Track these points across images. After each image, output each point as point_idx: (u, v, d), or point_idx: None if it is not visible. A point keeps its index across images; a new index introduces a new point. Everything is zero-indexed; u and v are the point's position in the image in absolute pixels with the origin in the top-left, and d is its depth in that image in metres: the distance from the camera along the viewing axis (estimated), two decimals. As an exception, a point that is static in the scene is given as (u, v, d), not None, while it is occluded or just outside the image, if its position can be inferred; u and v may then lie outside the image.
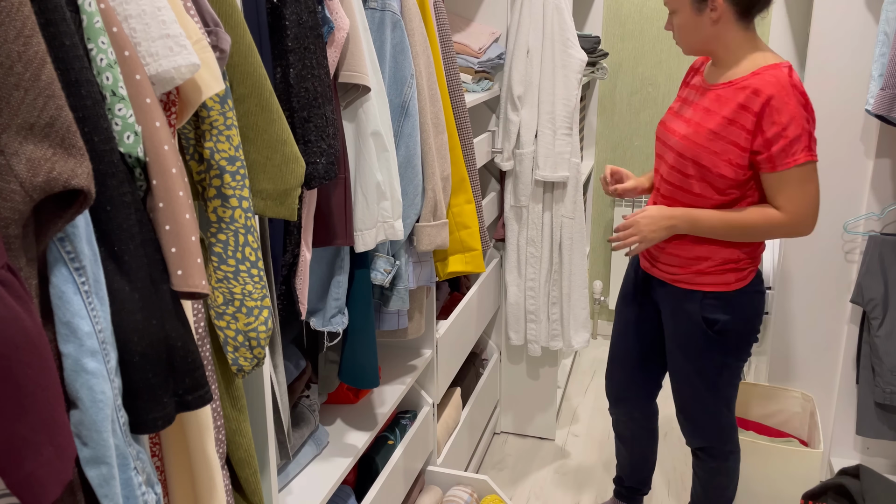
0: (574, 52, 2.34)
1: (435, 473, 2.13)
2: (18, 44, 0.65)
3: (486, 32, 2.43)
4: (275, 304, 1.25)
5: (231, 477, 1.15)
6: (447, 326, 2.14)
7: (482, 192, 2.63)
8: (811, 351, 2.40)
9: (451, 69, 1.83)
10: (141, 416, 0.82)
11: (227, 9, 1.02)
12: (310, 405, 1.61)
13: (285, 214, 1.13)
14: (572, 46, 2.35)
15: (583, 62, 2.35)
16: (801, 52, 3.18)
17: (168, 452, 1.01)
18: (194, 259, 0.86)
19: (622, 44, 3.41)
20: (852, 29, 2.15)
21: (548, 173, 2.40)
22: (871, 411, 2.22)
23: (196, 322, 1.03)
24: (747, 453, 2.17)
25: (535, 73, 2.37)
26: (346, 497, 1.68)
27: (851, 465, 1.81)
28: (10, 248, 0.68)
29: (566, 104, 2.37)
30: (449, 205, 1.80)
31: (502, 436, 2.86)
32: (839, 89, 2.20)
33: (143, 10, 0.83)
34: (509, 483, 2.57)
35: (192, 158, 0.99)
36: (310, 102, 1.20)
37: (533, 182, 2.45)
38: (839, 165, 2.23)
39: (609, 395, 2.14)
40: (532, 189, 2.46)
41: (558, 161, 2.40)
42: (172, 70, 0.84)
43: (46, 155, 0.67)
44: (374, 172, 1.45)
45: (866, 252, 2.19)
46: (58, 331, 0.74)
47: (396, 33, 1.54)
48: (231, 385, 1.11)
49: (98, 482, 0.76)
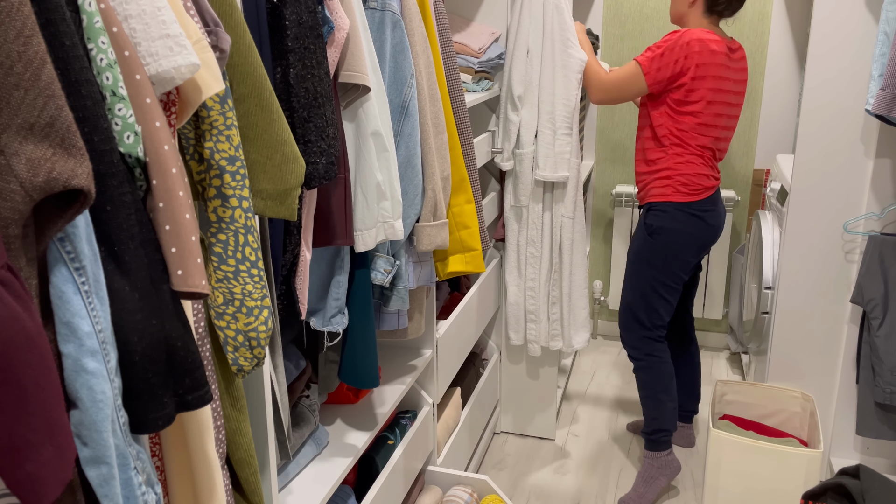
0: (574, 51, 2.35)
1: (435, 473, 2.13)
2: (18, 44, 0.65)
3: (486, 32, 2.43)
4: (275, 304, 1.25)
5: (231, 477, 1.15)
6: (447, 326, 2.14)
7: (482, 192, 2.63)
8: (811, 351, 2.40)
9: (451, 69, 1.83)
10: (141, 416, 0.82)
11: (227, 9, 1.02)
12: (310, 405, 1.61)
13: (285, 214, 1.13)
14: (572, 46, 2.35)
15: (583, 62, 2.35)
16: (801, 52, 3.18)
17: (168, 452, 1.01)
18: (194, 259, 0.86)
19: (622, 44, 3.41)
20: (852, 29, 2.15)
21: (548, 173, 2.40)
22: (871, 411, 2.22)
23: (196, 322, 1.03)
24: (748, 453, 2.17)
25: (535, 73, 2.38)
26: (346, 497, 1.68)
27: (851, 465, 1.81)
28: (10, 248, 0.68)
29: (566, 104, 2.37)
30: (449, 205, 1.80)
31: (502, 436, 2.86)
32: (839, 89, 2.20)
33: (143, 10, 0.83)
34: (509, 483, 2.57)
35: (192, 158, 0.99)
36: (310, 102, 1.20)
37: (533, 182, 2.45)
38: (839, 165, 2.23)
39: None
40: (532, 189, 2.46)
41: (558, 161, 2.40)
42: (172, 70, 0.84)
43: (46, 155, 0.67)
44: (374, 172, 1.45)
45: (866, 252, 2.19)
46: (58, 331, 0.74)
47: (396, 33, 1.54)
48: (231, 385, 1.11)
49: (98, 482, 0.76)
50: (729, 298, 3.47)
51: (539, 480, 2.58)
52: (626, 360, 3.48)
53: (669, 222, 2.28)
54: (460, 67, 2.30)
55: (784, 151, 3.26)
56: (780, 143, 3.27)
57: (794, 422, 2.44)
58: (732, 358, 3.52)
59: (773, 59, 3.20)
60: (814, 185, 2.28)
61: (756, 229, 2.89)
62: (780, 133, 3.26)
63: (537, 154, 2.41)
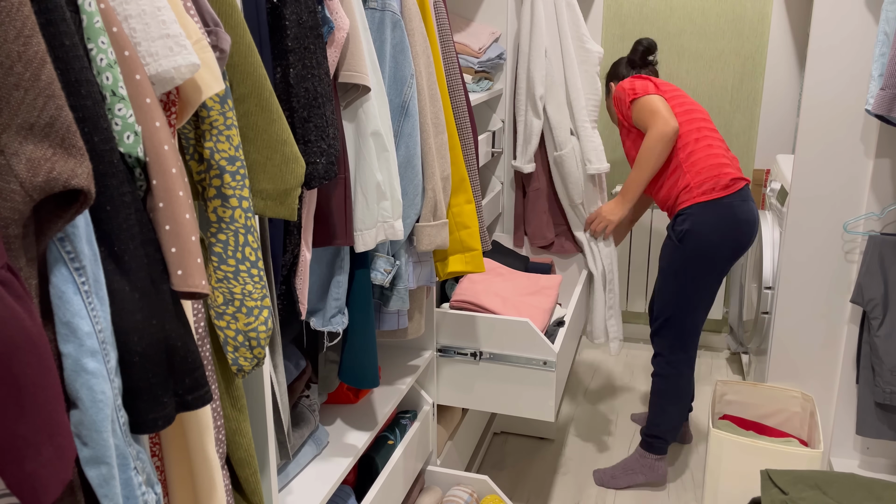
0: (590, 46, 2.38)
1: (435, 473, 2.13)
2: (18, 44, 0.65)
3: (486, 32, 2.43)
4: (275, 304, 1.24)
5: (231, 477, 1.15)
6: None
7: (482, 192, 2.63)
8: (811, 351, 2.40)
9: (451, 69, 1.83)
10: (141, 416, 0.82)
11: (227, 9, 1.02)
12: (310, 405, 1.61)
13: (285, 214, 1.13)
14: (588, 41, 2.38)
15: (600, 55, 2.39)
16: (801, 52, 3.18)
17: (168, 452, 1.01)
18: (194, 259, 0.86)
19: (622, 44, 3.41)
20: (852, 29, 2.15)
21: (599, 165, 2.46)
22: (871, 411, 2.22)
23: (196, 322, 1.03)
24: (748, 453, 2.17)
25: (557, 71, 2.39)
26: (346, 497, 1.68)
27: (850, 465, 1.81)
28: (10, 248, 0.68)
29: (594, 97, 2.42)
30: (449, 205, 1.80)
31: (502, 436, 2.86)
32: (839, 89, 2.20)
33: (143, 10, 0.83)
34: (509, 483, 2.57)
35: (192, 158, 0.99)
36: (310, 102, 1.20)
37: (585, 178, 2.52)
38: (839, 165, 2.23)
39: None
40: (585, 185, 2.52)
41: (599, 153, 2.46)
42: (172, 70, 0.84)
43: (46, 155, 0.67)
44: (374, 172, 1.45)
45: (866, 252, 2.19)
46: (58, 331, 0.74)
47: (396, 33, 1.54)
48: (231, 385, 1.11)
49: (98, 482, 0.76)
50: (729, 298, 3.47)
51: (539, 480, 2.58)
52: (626, 359, 3.48)
53: (697, 223, 2.24)
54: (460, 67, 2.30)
55: (784, 151, 3.26)
56: (780, 143, 3.27)
57: (794, 422, 2.44)
58: (732, 358, 3.52)
59: (773, 59, 3.20)
60: (814, 185, 2.28)
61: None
62: (780, 133, 3.26)
63: (584, 149, 2.44)
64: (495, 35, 2.44)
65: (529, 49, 2.38)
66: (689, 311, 2.33)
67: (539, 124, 2.44)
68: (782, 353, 2.44)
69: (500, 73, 2.52)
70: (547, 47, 2.37)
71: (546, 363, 2.00)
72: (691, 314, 2.33)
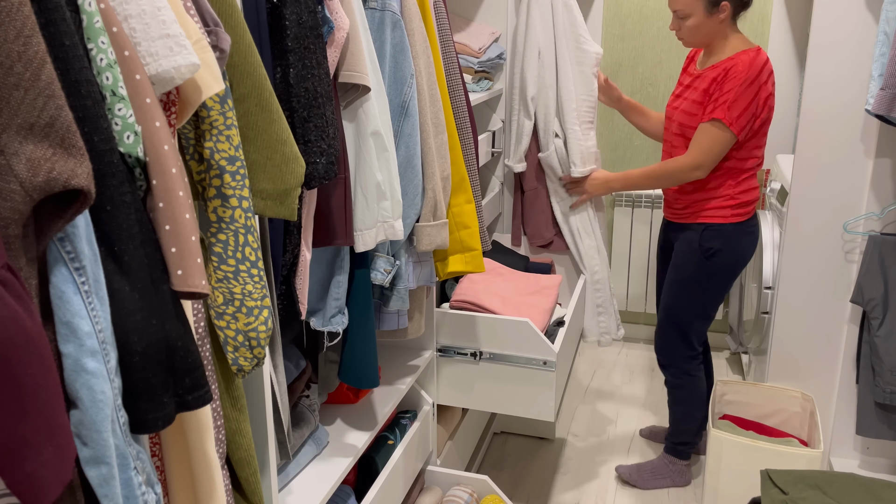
0: (588, 46, 2.36)
1: (435, 473, 2.13)
2: (18, 44, 0.65)
3: (486, 32, 2.43)
4: (275, 304, 1.24)
5: (231, 477, 1.15)
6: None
7: (482, 192, 2.63)
8: (811, 351, 2.40)
9: (451, 69, 1.83)
10: (141, 416, 0.82)
11: (227, 9, 1.02)
12: (310, 405, 1.61)
13: (285, 214, 1.13)
14: (586, 42, 2.36)
15: (598, 55, 2.37)
16: (801, 51, 3.18)
17: (168, 452, 1.01)
18: (194, 259, 0.86)
19: (622, 44, 3.41)
20: (852, 29, 2.15)
21: (583, 169, 2.46)
22: (871, 411, 2.22)
23: (196, 322, 1.03)
24: (748, 453, 2.17)
25: (549, 73, 2.38)
26: (346, 497, 1.68)
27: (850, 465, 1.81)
28: (10, 248, 0.68)
29: (588, 98, 2.41)
30: (449, 205, 1.80)
31: (502, 436, 2.86)
32: (839, 89, 2.19)
33: (142, 10, 0.83)
34: (509, 483, 2.57)
35: (192, 158, 0.99)
36: (310, 102, 1.20)
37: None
38: (839, 165, 2.23)
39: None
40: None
41: (586, 156, 2.46)
42: (172, 70, 0.84)
43: (46, 155, 0.67)
44: (374, 172, 1.45)
45: (866, 252, 2.19)
46: (58, 331, 0.74)
47: (396, 33, 1.54)
48: (231, 385, 1.11)
49: (98, 482, 0.76)
50: (729, 298, 3.47)
51: (539, 480, 2.58)
52: (626, 359, 3.48)
53: (728, 244, 2.24)
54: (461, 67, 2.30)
55: (784, 151, 3.26)
56: (780, 143, 3.27)
57: (794, 422, 2.44)
58: (732, 358, 3.52)
59: (773, 59, 3.20)
60: (814, 185, 2.28)
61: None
62: (780, 133, 3.25)
63: (570, 152, 2.44)
64: (495, 35, 2.43)
65: (524, 50, 2.37)
66: (704, 321, 2.37)
67: (530, 125, 2.43)
68: (782, 353, 2.44)
69: (499, 73, 2.52)
70: (541, 48, 2.36)
71: (546, 363, 2.00)
72: (705, 323, 2.39)
